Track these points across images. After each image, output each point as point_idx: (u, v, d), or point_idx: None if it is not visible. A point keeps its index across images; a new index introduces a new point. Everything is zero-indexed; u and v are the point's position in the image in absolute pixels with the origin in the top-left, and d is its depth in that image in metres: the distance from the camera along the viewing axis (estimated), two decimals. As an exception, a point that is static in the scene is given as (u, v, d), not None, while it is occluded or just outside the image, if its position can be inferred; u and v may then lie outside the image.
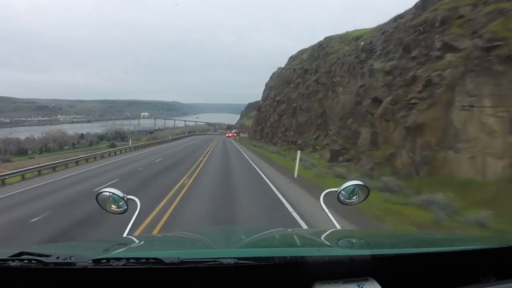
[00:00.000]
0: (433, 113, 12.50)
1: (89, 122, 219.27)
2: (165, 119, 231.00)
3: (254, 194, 11.38)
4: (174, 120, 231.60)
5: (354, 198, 1.87)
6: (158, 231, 6.46)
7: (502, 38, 11.19)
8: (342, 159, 17.05)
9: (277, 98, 45.57)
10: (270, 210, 8.44)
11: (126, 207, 1.86)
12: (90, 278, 0.97)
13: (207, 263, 0.96)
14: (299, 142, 28.91)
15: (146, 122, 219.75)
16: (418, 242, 1.68)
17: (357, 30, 33.81)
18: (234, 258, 0.97)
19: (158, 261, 0.95)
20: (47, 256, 0.97)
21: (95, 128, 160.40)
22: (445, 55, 14.16)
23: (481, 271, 1.09)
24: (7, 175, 16.10)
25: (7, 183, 15.24)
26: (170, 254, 0.99)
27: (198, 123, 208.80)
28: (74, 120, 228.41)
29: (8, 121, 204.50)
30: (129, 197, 1.87)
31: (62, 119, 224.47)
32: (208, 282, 1.00)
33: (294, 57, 51.48)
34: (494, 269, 1.10)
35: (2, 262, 0.96)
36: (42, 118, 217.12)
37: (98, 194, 1.84)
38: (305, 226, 6.59)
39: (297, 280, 0.99)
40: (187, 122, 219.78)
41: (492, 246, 1.18)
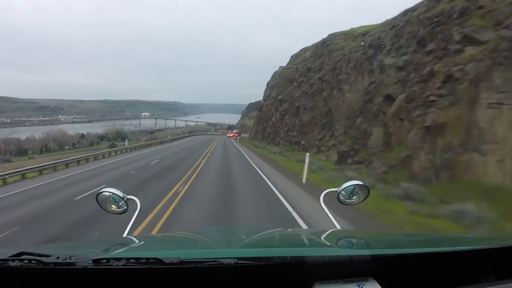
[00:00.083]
0: (455, 111, 11.34)
1: (90, 122, 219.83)
2: (166, 119, 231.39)
3: (261, 207, 9.43)
4: (175, 120, 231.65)
5: (354, 198, 1.85)
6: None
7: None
8: (351, 161, 15.87)
9: (279, 97, 44.46)
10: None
11: (126, 207, 1.86)
12: (90, 278, 0.98)
13: (207, 263, 0.96)
14: (303, 143, 27.68)
15: (147, 122, 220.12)
16: (418, 242, 1.65)
17: (362, 26, 32.77)
18: (234, 258, 0.96)
19: (158, 261, 0.95)
20: (47, 256, 0.97)
21: (96, 128, 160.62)
22: (465, 49, 13.02)
23: (481, 271, 1.08)
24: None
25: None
26: (170, 254, 0.99)
27: (199, 123, 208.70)
28: (75, 120, 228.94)
29: (9, 121, 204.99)
30: (129, 197, 1.87)
31: (63, 119, 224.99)
32: (208, 282, 1.00)
33: (296, 55, 50.51)
34: (494, 269, 1.09)
35: (2, 262, 0.96)
36: (43, 118, 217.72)
37: (98, 194, 1.83)
38: None
39: (297, 280, 0.99)
40: (188, 122, 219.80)
41: (492, 246, 1.17)
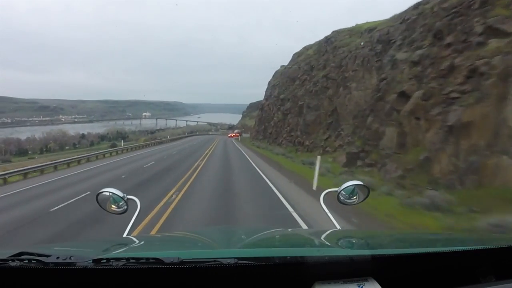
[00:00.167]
0: (481, 109, 10.18)
1: (90, 122, 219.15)
2: (166, 119, 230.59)
3: (267, 222, 7.75)
4: (176, 120, 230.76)
5: (354, 198, 1.84)
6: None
7: None
8: (361, 164, 14.73)
9: (281, 96, 43.28)
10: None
11: (126, 207, 1.86)
12: (90, 278, 0.98)
13: (207, 263, 0.96)
14: (307, 143, 26.51)
15: (147, 122, 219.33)
16: (418, 242, 1.64)
17: (368, 22, 31.62)
18: (234, 258, 0.96)
19: (158, 261, 0.94)
20: (47, 256, 0.97)
21: (97, 128, 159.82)
22: (488, 41, 11.86)
23: (481, 271, 1.08)
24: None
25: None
26: (170, 254, 0.99)
27: (199, 123, 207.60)
28: (76, 120, 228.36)
29: (9, 121, 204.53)
30: (129, 197, 1.87)
31: (63, 119, 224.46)
32: (208, 282, 0.99)
33: (298, 53, 49.33)
34: (494, 269, 1.09)
35: (2, 262, 0.96)
36: (44, 118, 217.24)
37: (98, 194, 1.83)
38: None
39: (297, 280, 0.99)
40: (189, 122, 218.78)
41: (492, 246, 1.17)
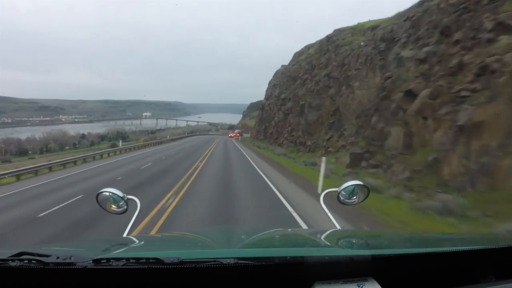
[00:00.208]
0: (493, 108, 9.72)
1: (91, 122, 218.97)
2: (167, 119, 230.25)
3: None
4: (176, 120, 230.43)
5: (354, 198, 1.84)
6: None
7: None
8: (365, 165, 14.27)
9: (282, 96, 42.80)
10: None
11: (126, 207, 1.85)
12: (90, 278, 0.98)
13: (207, 263, 0.96)
14: (309, 143, 26.03)
15: (148, 122, 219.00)
16: (418, 242, 1.64)
17: (371, 20, 31.18)
18: (234, 258, 0.96)
19: (158, 261, 0.94)
20: (47, 256, 0.97)
21: (97, 128, 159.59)
22: (498, 37, 11.40)
23: (481, 271, 1.08)
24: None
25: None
26: (170, 254, 0.98)
27: (200, 123, 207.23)
28: (76, 120, 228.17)
29: (10, 121, 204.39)
30: (129, 197, 1.86)
31: (64, 119, 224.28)
32: (208, 282, 0.99)
33: (299, 52, 48.90)
34: (494, 269, 1.08)
35: (2, 262, 0.96)
36: (44, 118, 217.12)
37: (98, 194, 1.83)
38: None
39: (297, 280, 0.98)
40: (189, 122, 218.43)
41: (492, 246, 1.17)
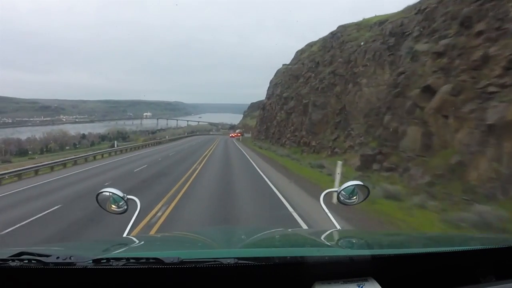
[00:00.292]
0: (528, 104, 8.59)
1: (91, 122, 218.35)
2: (167, 119, 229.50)
3: None
4: (177, 120, 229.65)
5: (354, 198, 1.84)
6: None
7: None
8: (378, 167, 13.15)
9: (284, 95, 41.67)
10: None
11: (126, 207, 1.84)
12: (90, 278, 0.97)
13: (207, 263, 0.95)
14: (314, 144, 24.88)
15: (148, 122, 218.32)
16: (418, 242, 1.63)
17: (377, 16, 30.07)
18: (234, 258, 0.96)
19: (158, 261, 0.94)
20: (47, 256, 0.97)
21: (98, 128, 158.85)
22: (527, 27, 10.27)
23: (481, 271, 1.08)
24: None
25: None
26: (170, 254, 0.98)
27: (200, 123, 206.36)
28: (77, 120, 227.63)
29: (10, 121, 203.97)
30: (129, 197, 1.85)
31: (64, 119, 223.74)
32: (208, 282, 0.99)
33: (301, 50, 47.83)
34: (494, 269, 1.08)
35: (2, 262, 0.96)
36: (45, 118, 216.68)
37: (98, 194, 1.82)
38: None
39: (297, 280, 0.98)
40: (190, 122, 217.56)
41: (492, 246, 1.16)
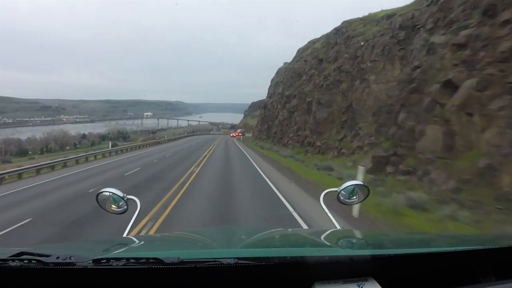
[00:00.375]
0: None
1: (92, 122, 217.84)
2: (168, 119, 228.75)
3: None
4: (177, 120, 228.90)
5: (354, 198, 1.84)
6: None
7: None
8: (393, 170, 12.04)
9: (286, 93, 40.61)
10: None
11: (126, 207, 1.84)
12: (90, 278, 0.97)
13: (207, 263, 0.95)
14: (319, 144, 23.79)
15: (149, 122, 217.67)
16: (418, 242, 1.63)
17: (383, 10, 29.01)
18: (234, 258, 0.96)
19: (158, 261, 0.94)
20: (47, 256, 0.96)
21: (98, 128, 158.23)
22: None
23: (481, 271, 1.07)
24: None
25: None
26: (170, 254, 0.98)
27: (201, 123, 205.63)
28: (77, 120, 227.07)
29: (11, 121, 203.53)
30: (129, 197, 1.85)
31: (65, 119, 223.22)
32: (208, 282, 0.99)
33: (304, 48, 46.95)
34: (494, 269, 1.08)
35: (2, 262, 0.96)
36: (45, 118, 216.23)
37: (98, 194, 1.81)
38: None
39: (297, 280, 0.98)
40: (191, 122, 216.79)
41: (492, 246, 1.16)
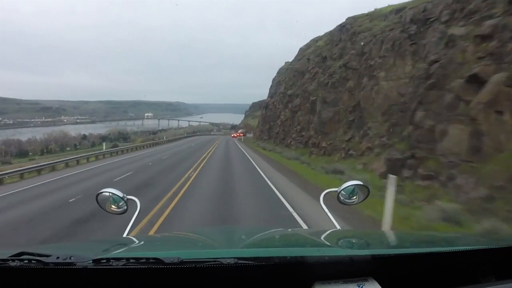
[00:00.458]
0: None
1: (92, 123, 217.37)
2: (169, 120, 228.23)
3: None
4: (178, 120, 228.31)
5: (354, 198, 1.84)
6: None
7: None
8: (410, 174, 10.90)
9: (288, 92, 39.56)
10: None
11: (126, 207, 1.84)
12: (90, 278, 0.97)
13: (207, 263, 0.95)
14: (324, 145, 22.66)
15: (150, 123, 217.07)
16: (418, 242, 1.63)
17: (390, 5, 27.99)
18: (234, 258, 0.96)
19: (158, 261, 0.94)
20: (47, 256, 0.96)
21: (99, 129, 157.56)
22: None
23: (481, 271, 1.07)
24: None
25: None
26: (170, 254, 0.98)
27: (202, 123, 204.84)
28: (78, 121, 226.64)
29: (11, 122, 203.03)
30: (129, 197, 1.84)
31: (65, 120, 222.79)
32: (208, 282, 0.99)
33: (307, 45, 46.09)
34: (494, 269, 1.08)
35: (2, 262, 0.95)
36: (46, 119, 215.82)
37: (98, 194, 1.81)
38: None
39: (297, 280, 0.98)
40: (191, 123, 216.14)
41: (492, 246, 1.16)
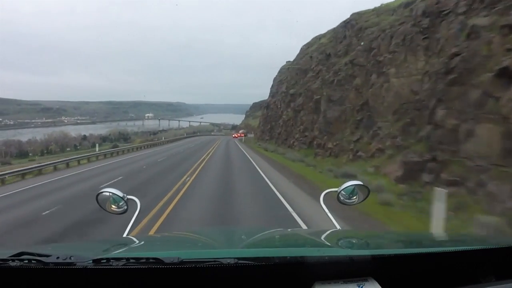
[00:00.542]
0: None
1: (93, 123, 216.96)
2: (169, 120, 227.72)
3: None
4: (179, 121, 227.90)
5: (354, 198, 1.84)
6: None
7: None
8: (431, 180, 9.81)
9: (291, 92, 38.53)
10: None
11: (126, 207, 1.84)
12: (90, 278, 0.97)
13: (207, 263, 0.95)
14: (330, 146, 21.53)
15: (150, 123, 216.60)
16: (418, 242, 1.62)
17: (397, 0, 26.83)
18: (234, 258, 0.96)
19: (158, 261, 0.94)
20: (47, 256, 0.96)
21: (99, 129, 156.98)
22: None
23: (481, 271, 1.07)
24: None
25: None
26: (170, 254, 0.98)
27: (202, 124, 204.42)
28: (78, 121, 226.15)
29: (12, 123, 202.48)
30: (129, 197, 1.84)
31: (66, 121, 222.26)
32: (208, 282, 0.99)
33: (309, 44, 45.13)
34: (494, 269, 1.07)
35: (2, 262, 0.95)
36: (47, 120, 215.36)
37: (98, 194, 1.80)
38: None
39: (297, 280, 0.98)
40: (192, 123, 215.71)
41: (492, 246, 1.15)
